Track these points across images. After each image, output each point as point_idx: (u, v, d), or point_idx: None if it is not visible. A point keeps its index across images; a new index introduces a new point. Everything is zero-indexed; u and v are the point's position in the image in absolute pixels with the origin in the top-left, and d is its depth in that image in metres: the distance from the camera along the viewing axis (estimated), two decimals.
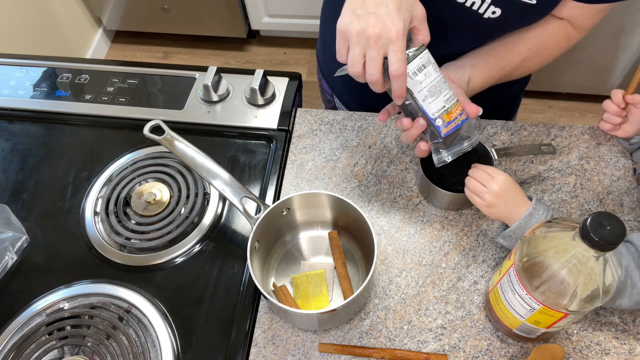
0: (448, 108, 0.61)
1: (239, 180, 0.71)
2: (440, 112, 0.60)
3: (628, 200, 0.78)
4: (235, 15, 2.13)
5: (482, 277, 0.73)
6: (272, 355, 0.68)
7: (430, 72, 0.59)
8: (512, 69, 0.75)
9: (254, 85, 0.88)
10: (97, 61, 1.02)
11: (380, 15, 0.54)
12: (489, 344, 0.68)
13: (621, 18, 1.62)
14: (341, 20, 0.57)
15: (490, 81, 0.75)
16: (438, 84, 0.60)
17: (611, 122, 0.78)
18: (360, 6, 0.55)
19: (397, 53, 0.55)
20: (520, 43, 0.74)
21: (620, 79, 1.86)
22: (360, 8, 0.55)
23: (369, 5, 0.55)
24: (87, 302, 0.73)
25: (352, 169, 0.84)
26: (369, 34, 0.54)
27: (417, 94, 0.59)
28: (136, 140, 0.88)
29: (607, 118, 0.78)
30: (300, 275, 0.72)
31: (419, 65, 0.58)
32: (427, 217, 0.78)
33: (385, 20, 0.54)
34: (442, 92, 0.60)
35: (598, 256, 0.49)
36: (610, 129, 0.79)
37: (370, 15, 0.54)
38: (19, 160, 0.89)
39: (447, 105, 0.60)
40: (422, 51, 0.58)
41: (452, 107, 0.61)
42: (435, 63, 0.60)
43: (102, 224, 0.80)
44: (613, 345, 0.67)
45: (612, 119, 0.78)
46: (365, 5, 0.55)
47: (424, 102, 0.60)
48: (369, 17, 0.54)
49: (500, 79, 0.76)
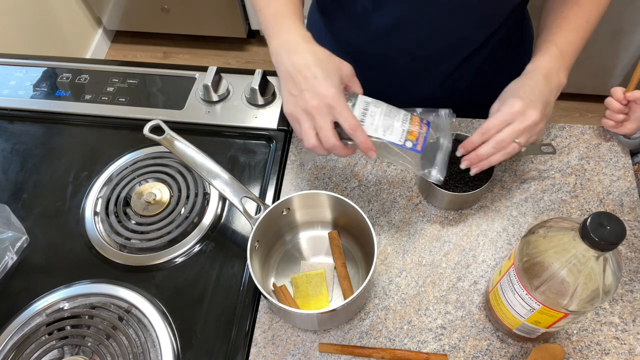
0: (408, 128, 0.63)
1: (239, 180, 0.71)
2: (404, 136, 0.63)
3: (628, 200, 0.78)
4: (235, 15, 2.13)
5: (482, 277, 0.73)
6: (272, 355, 0.68)
7: (374, 110, 0.63)
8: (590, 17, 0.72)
9: (254, 85, 0.88)
10: (97, 61, 1.02)
11: (313, 88, 0.58)
12: (489, 344, 0.68)
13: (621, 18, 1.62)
14: (285, 107, 0.62)
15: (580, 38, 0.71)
16: (386, 115, 0.63)
17: (613, 119, 0.78)
18: (293, 87, 0.60)
19: (341, 113, 0.59)
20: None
21: (620, 79, 1.86)
22: (294, 89, 0.60)
23: (301, 84, 0.59)
24: (87, 302, 0.73)
25: (352, 169, 0.84)
26: (309, 109, 0.59)
27: (375, 135, 0.62)
28: (136, 140, 0.88)
29: (610, 115, 0.79)
30: (300, 275, 0.72)
31: (361, 110, 0.62)
32: (427, 217, 0.78)
33: (319, 90, 0.58)
34: (394, 119, 0.63)
35: (598, 256, 0.49)
36: (612, 126, 0.79)
37: (304, 92, 0.59)
38: (19, 160, 0.89)
39: (404, 126, 0.63)
40: (355, 98, 0.63)
41: (410, 125, 0.63)
42: (373, 99, 0.63)
43: (102, 224, 0.80)
44: (613, 345, 0.67)
45: (615, 116, 0.78)
46: (297, 85, 0.60)
47: (385, 137, 0.62)
48: (304, 94, 0.59)
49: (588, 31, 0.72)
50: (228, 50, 2.34)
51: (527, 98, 0.63)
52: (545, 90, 0.65)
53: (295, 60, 0.60)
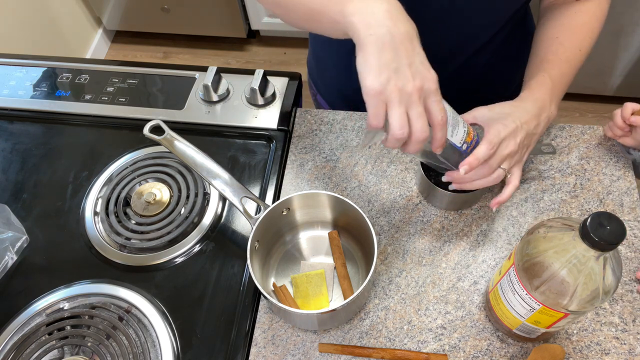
0: (467, 130, 0.61)
1: (239, 180, 0.71)
2: (464, 138, 0.61)
3: (628, 200, 0.78)
4: (235, 15, 2.13)
5: (482, 277, 0.73)
6: (272, 355, 0.68)
7: (446, 106, 0.58)
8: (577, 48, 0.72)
9: (254, 85, 0.88)
10: (97, 61, 1.02)
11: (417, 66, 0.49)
12: (489, 344, 0.68)
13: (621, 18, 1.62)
14: (373, 81, 0.49)
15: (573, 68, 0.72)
16: (453, 114, 0.60)
17: (613, 133, 0.79)
18: (392, 59, 0.49)
19: (438, 103, 0.51)
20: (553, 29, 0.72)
21: (620, 79, 1.86)
22: (393, 61, 0.49)
23: (402, 58, 0.49)
24: (87, 302, 0.73)
25: (352, 169, 0.84)
26: (409, 89, 0.49)
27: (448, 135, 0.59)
28: (136, 140, 0.88)
29: (611, 127, 0.79)
30: (300, 275, 0.72)
31: None
32: (427, 217, 0.78)
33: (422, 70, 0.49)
34: (459, 121, 0.61)
35: (598, 256, 0.49)
36: (613, 136, 0.80)
37: (406, 69, 0.49)
38: (19, 160, 0.89)
39: (465, 128, 0.61)
40: None
41: (468, 129, 0.62)
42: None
43: (102, 224, 0.80)
44: (613, 345, 0.67)
45: (615, 131, 0.78)
46: (398, 57, 0.49)
47: (452, 138, 0.60)
48: (405, 70, 0.49)
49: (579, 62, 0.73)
50: (228, 50, 2.34)
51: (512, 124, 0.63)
52: (533, 122, 0.65)
53: (402, 29, 0.49)
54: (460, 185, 0.67)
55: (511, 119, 0.64)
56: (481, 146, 0.62)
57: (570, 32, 0.72)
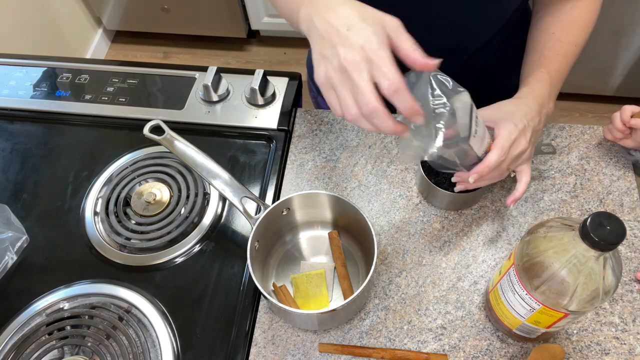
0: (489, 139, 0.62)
1: (239, 180, 0.71)
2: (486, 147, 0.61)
3: (628, 200, 0.78)
4: (235, 15, 2.13)
5: (482, 277, 0.73)
6: (272, 355, 0.68)
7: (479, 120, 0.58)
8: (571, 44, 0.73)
9: (254, 85, 0.88)
10: (97, 61, 1.02)
11: (347, 39, 0.47)
12: (489, 344, 0.68)
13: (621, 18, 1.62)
14: (316, 76, 0.50)
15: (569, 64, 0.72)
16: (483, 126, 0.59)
17: (613, 135, 0.78)
18: (324, 46, 0.48)
19: (380, 67, 0.46)
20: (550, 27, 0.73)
21: (620, 79, 1.86)
22: (326, 47, 0.48)
23: (333, 39, 0.47)
24: (87, 302, 0.73)
25: (352, 169, 0.84)
26: (343, 65, 0.46)
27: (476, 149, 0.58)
28: (136, 140, 0.88)
29: (611, 129, 0.79)
30: (300, 275, 0.72)
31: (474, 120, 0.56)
32: (427, 217, 0.78)
33: (355, 40, 0.46)
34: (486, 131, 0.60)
35: (598, 256, 0.49)
36: (613, 139, 0.80)
37: (337, 48, 0.47)
38: (19, 160, 0.89)
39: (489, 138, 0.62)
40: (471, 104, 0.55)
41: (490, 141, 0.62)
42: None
43: (102, 224, 0.80)
44: (613, 345, 0.67)
45: (615, 133, 0.78)
46: (328, 41, 0.48)
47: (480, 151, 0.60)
48: (337, 49, 0.47)
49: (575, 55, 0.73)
50: (228, 50, 2.34)
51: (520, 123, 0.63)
52: (536, 118, 0.66)
53: (327, 16, 0.49)
54: (467, 186, 0.67)
55: (518, 118, 0.64)
56: (492, 153, 0.61)
57: (567, 28, 0.72)
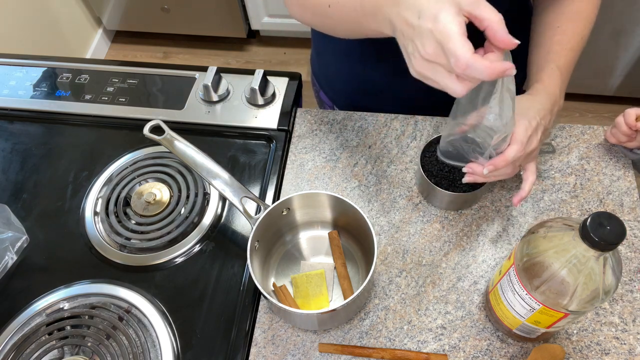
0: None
1: (239, 180, 0.71)
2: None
3: (628, 200, 0.78)
4: (235, 15, 2.13)
5: (482, 277, 0.73)
6: (272, 355, 0.68)
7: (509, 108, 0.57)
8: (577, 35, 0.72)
9: (254, 85, 0.88)
10: (97, 61, 1.02)
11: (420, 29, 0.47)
12: (489, 344, 0.68)
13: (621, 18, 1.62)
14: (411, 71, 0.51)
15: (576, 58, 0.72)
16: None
17: (618, 139, 0.78)
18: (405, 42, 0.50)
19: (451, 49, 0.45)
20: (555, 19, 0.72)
21: (620, 79, 1.86)
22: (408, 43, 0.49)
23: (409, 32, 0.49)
24: (87, 302, 0.73)
25: (352, 169, 0.84)
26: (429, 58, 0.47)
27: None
28: (136, 140, 0.88)
29: (615, 134, 0.78)
30: (300, 275, 0.72)
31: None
32: (427, 217, 0.78)
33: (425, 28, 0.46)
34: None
35: (598, 256, 0.49)
36: (617, 143, 0.79)
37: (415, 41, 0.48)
38: (19, 160, 0.89)
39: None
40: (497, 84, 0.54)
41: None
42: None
43: (102, 224, 0.80)
44: (613, 345, 0.67)
45: (620, 137, 0.77)
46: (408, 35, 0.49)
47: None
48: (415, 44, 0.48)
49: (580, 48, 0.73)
50: (228, 50, 2.34)
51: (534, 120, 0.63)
52: (548, 117, 0.66)
53: (401, 11, 0.49)
54: (477, 179, 0.66)
55: (532, 115, 0.63)
56: (512, 147, 0.61)
57: (571, 20, 0.72)
